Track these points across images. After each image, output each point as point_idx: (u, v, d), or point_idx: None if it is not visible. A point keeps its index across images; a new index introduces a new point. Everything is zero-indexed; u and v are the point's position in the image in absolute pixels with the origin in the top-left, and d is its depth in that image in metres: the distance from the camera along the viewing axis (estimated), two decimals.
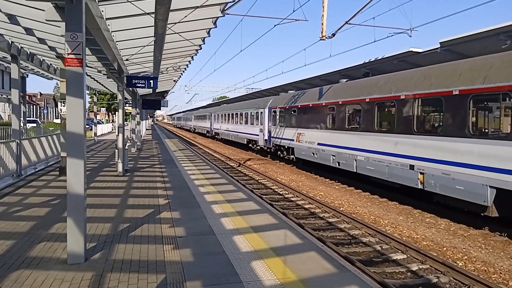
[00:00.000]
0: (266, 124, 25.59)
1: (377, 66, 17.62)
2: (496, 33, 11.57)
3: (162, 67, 17.30)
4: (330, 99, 17.18)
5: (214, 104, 65.55)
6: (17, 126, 12.29)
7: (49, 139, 16.87)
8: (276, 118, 23.61)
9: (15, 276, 4.88)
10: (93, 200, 9.26)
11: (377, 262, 7.97)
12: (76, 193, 5.33)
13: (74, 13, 5.35)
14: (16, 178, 12.07)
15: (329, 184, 16.69)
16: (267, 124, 25.46)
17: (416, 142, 11.58)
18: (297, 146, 20.46)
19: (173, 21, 8.87)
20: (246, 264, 5.44)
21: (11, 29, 9.75)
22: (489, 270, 7.61)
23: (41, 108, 75.50)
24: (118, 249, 5.98)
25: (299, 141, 20.21)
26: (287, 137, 21.62)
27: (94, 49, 10.99)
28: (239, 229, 7.15)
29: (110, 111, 74.70)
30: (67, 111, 5.40)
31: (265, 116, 25.77)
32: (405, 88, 12.26)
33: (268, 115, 25.35)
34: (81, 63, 5.35)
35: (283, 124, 22.53)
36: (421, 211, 11.89)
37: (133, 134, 23.93)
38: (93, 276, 4.94)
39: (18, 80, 12.37)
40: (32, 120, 42.86)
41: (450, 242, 9.18)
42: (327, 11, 12.45)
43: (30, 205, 8.69)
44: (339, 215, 11.24)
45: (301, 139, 19.92)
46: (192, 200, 9.66)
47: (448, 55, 13.73)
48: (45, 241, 6.25)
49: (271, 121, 24.67)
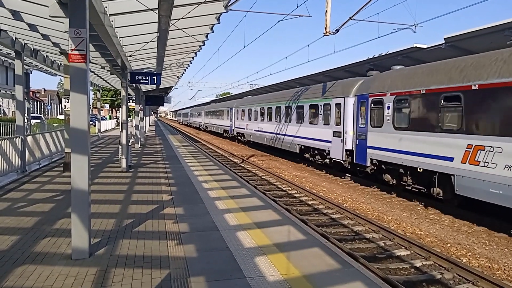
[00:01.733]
0: (350, 122, 15.84)
1: (381, 62, 17.53)
2: (501, 29, 11.48)
3: (166, 63, 17.30)
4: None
5: (231, 98, 51.38)
6: (21, 122, 12.35)
7: (53, 135, 16.94)
8: (389, 113, 13.07)
9: (20, 271, 4.91)
10: (97, 196, 9.29)
11: (381, 258, 7.96)
12: (80, 188, 5.34)
13: (77, 9, 5.35)
14: (21, 174, 12.13)
15: (333, 181, 16.67)
16: (352, 122, 15.75)
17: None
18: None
19: (176, 17, 8.85)
20: (249, 260, 5.45)
21: (15, 25, 9.77)
22: (493, 266, 7.59)
23: (45, 104, 75.79)
24: (122, 244, 6.00)
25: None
26: (442, 154, 10.80)
27: (98, 45, 11.00)
28: (242, 225, 7.16)
29: (114, 107, 74.93)
30: (71, 107, 5.41)
31: (348, 109, 15.95)
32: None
33: (357, 109, 15.42)
34: (85, 59, 5.35)
35: (415, 124, 11.95)
36: (425, 207, 11.86)
37: (137, 130, 24.00)
38: (98, 271, 4.96)
39: (22, 76, 12.42)
40: (36, 116, 43.07)
41: (454, 238, 9.15)
42: (331, 6, 12.39)
43: (35, 201, 8.73)
44: (342, 211, 11.24)
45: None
46: (195, 196, 9.67)
47: (453, 51, 13.64)
48: (50, 237, 6.28)
49: (363, 118, 14.89)
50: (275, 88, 33.16)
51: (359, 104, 15.22)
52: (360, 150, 14.92)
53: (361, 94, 15.15)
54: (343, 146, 16.10)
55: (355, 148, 15.28)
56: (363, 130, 14.79)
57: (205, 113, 54.69)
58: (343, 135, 16.15)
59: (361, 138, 14.85)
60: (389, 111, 13.14)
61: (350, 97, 15.93)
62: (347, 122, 15.93)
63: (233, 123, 36.28)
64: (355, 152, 15.29)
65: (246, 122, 31.28)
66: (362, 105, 15.00)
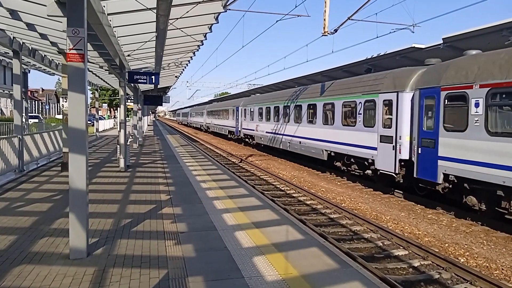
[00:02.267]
0: (406, 124, 12.38)
1: (380, 62, 17.57)
2: (499, 29, 11.52)
3: (164, 62, 17.27)
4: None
5: (236, 96, 47.80)
6: (19, 122, 12.32)
7: (51, 135, 16.91)
8: (479, 113, 9.84)
9: (18, 271, 4.90)
10: (95, 195, 9.28)
11: (379, 258, 7.97)
12: (78, 188, 5.34)
13: (75, 9, 5.34)
14: (18, 173, 12.10)
15: (331, 180, 16.69)
16: (408, 124, 12.32)
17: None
18: None
19: (174, 16, 8.84)
20: (248, 259, 5.45)
21: (13, 25, 9.73)
22: (491, 266, 7.60)
23: (43, 103, 75.64)
24: (120, 244, 5.99)
25: None
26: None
27: (96, 45, 10.98)
28: (241, 225, 7.16)
29: (112, 107, 74.78)
30: (68, 107, 5.40)
31: (403, 107, 12.50)
32: None
33: (420, 106, 11.68)
34: (83, 58, 5.34)
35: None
36: (423, 207, 11.88)
37: (135, 130, 23.95)
38: (96, 271, 4.95)
39: (20, 75, 12.38)
40: (34, 115, 42.94)
41: (452, 238, 9.17)
42: (329, 6, 12.40)
43: (32, 201, 8.71)
44: (341, 211, 11.25)
45: None
46: (194, 195, 9.67)
47: (451, 51, 13.67)
48: (48, 236, 6.27)
49: (430, 119, 11.38)
50: (283, 85, 30.37)
51: (422, 100, 11.60)
52: (425, 161, 11.38)
53: (425, 87, 11.51)
54: (395, 154, 12.63)
55: (417, 158, 11.68)
56: (430, 135, 11.26)
57: (207, 112, 51.30)
58: (395, 140, 12.67)
59: (426, 145, 11.36)
60: (479, 109, 9.74)
61: (406, 92, 12.47)
62: (401, 123, 12.48)
63: (239, 124, 32.96)
64: (416, 163, 11.70)
65: (256, 122, 27.91)
66: (427, 101, 11.46)
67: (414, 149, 11.86)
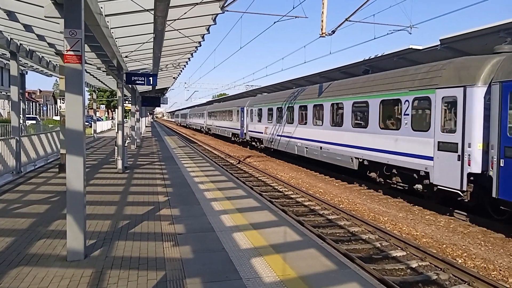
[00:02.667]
0: (477, 128, 9.87)
1: (377, 63, 17.60)
2: (496, 30, 11.55)
3: (162, 64, 17.28)
4: None
5: (239, 96, 43.86)
6: (16, 123, 12.28)
7: (48, 136, 16.85)
8: None
9: (15, 273, 4.88)
10: (93, 197, 9.25)
11: (377, 259, 7.98)
12: (76, 190, 5.32)
13: (73, 10, 5.34)
14: (16, 175, 12.06)
15: (329, 182, 16.69)
16: (481, 128, 9.84)
17: None
18: None
19: (172, 17, 8.85)
20: (245, 261, 5.44)
21: (10, 26, 9.73)
22: (488, 267, 7.62)
23: (41, 105, 75.41)
24: (118, 246, 5.98)
25: None
26: None
27: (93, 46, 10.97)
28: (238, 226, 7.15)
29: (110, 108, 74.72)
30: (66, 108, 5.39)
31: (474, 106, 9.93)
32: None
33: (502, 104, 9.05)
34: (80, 59, 5.34)
35: None
36: (421, 208, 11.90)
37: (133, 131, 23.92)
38: (93, 273, 4.94)
39: (17, 77, 12.35)
40: (31, 117, 42.85)
41: (449, 239, 9.18)
42: (327, 8, 12.43)
43: (30, 202, 8.68)
44: (338, 212, 11.25)
45: None
46: (191, 197, 9.65)
47: (448, 52, 13.71)
48: (45, 238, 6.25)
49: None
50: (292, 84, 27.49)
51: (503, 97, 8.94)
52: (511, 177, 8.73)
53: (507, 80, 8.83)
54: (462, 167, 9.98)
55: (497, 173, 9.01)
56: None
57: (208, 113, 48.04)
58: (462, 149, 10.02)
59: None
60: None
61: (477, 86, 9.78)
62: (471, 127, 9.83)
63: (245, 126, 30.24)
64: (496, 179, 9.02)
65: (265, 125, 25.08)
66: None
67: (492, 161, 9.18)
